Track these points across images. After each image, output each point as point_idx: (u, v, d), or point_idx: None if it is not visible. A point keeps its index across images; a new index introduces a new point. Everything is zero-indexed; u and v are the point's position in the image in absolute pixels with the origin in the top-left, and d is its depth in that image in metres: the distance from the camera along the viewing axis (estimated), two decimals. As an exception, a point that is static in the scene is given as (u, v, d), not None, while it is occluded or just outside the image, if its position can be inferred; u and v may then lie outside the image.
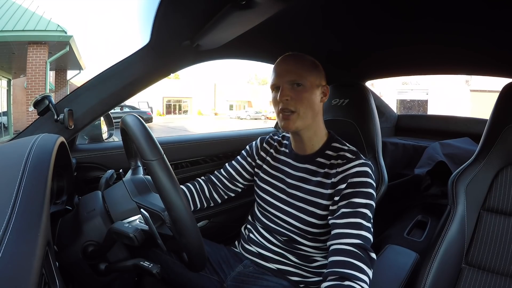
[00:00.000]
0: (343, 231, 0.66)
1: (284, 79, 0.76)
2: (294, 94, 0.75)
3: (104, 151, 1.05)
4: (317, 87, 0.78)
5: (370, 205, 0.69)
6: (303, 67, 0.76)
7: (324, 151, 0.81)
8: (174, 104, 26.13)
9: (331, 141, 0.82)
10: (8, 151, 0.52)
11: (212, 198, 0.96)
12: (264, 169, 0.90)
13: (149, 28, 0.71)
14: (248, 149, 0.98)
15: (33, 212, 0.36)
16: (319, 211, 0.76)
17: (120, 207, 0.64)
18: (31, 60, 6.84)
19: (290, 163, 0.85)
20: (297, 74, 0.75)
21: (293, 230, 0.80)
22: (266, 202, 0.86)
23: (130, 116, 0.55)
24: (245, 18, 0.60)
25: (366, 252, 0.63)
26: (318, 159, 0.81)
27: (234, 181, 0.96)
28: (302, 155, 0.83)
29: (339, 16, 0.77)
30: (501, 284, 0.75)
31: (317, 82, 0.78)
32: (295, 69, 0.76)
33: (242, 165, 0.96)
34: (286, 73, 0.76)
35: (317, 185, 0.78)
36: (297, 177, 0.82)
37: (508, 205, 0.80)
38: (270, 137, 0.95)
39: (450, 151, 1.38)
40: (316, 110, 0.78)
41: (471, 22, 0.68)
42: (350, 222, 0.66)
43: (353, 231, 0.65)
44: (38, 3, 7.40)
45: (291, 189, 0.82)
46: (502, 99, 0.84)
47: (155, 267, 0.56)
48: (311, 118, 0.77)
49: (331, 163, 0.78)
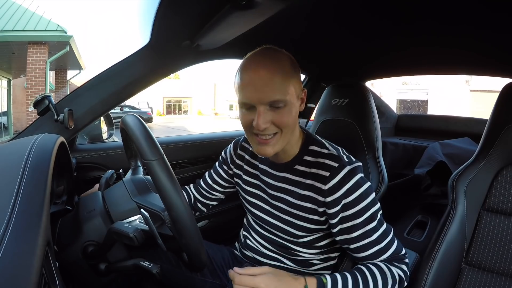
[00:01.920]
0: (363, 254, 0.66)
1: (261, 100, 0.59)
2: (273, 117, 0.61)
3: (104, 151, 1.05)
4: (297, 97, 0.64)
5: (374, 212, 0.65)
6: (284, 77, 0.60)
7: (302, 157, 0.72)
8: (174, 104, 26.13)
9: (308, 144, 0.72)
10: (8, 151, 0.52)
11: (197, 208, 0.94)
12: (244, 179, 0.84)
13: (149, 28, 0.71)
14: (223, 155, 0.91)
15: (33, 212, 0.36)
16: (308, 224, 0.71)
17: (120, 207, 0.64)
18: (31, 60, 6.84)
19: (267, 172, 0.77)
20: (279, 91, 0.59)
21: (286, 238, 0.75)
22: (252, 213, 0.82)
23: (130, 116, 0.55)
24: (245, 18, 0.60)
25: (398, 257, 0.67)
26: (296, 167, 0.72)
27: (213, 190, 0.92)
28: (278, 163, 0.75)
29: (339, 16, 0.76)
30: (501, 284, 0.75)
31: (297, 91, 0.64)
32: (275, 84, 0.59)
33: (218, 174, 0.91)
34: (263, 91, 0.58)
35: (301, 199, 0.70)
36: (278, 187, 0.75)
37: (508, 205, 0.80)
38: (245, 140, 0.87)
39: (450, 151, 1.38)
40: (295, 123, 0.67)
41: (471, 23, 0.68)
42: (365, 244, 0.64)
43: (373, 249, 0.65)
44: (38, 3, 7.41)
45: (274, 200, 0.76)
46: (502, 99, 0.84)
47: (155, 267, 0.56)
48: (291, 134, 0.67)
49: (311, 172, 0.69)
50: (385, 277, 0.63)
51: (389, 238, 0.66)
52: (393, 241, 0.67)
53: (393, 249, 0.66)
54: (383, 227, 0.66)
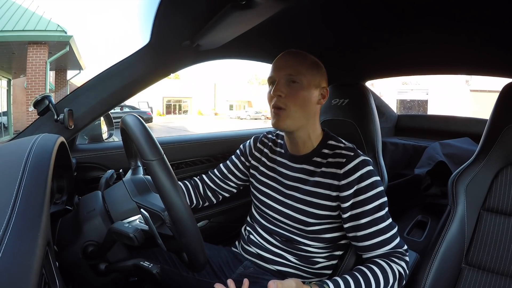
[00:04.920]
0: (368, 243, 0.70)
1: (281, 73, 0.74)
2: (288, 91, 0.73)
3: (104, 151, 1.05)
4: (315, 87, 0.75)
5: (383, 202, 0.71)
6: (303, 64, 0.74)
7: (320, 150, 0.79)
8: (174, 104, 26.13)
9: (327, 139, 0.80)
10: (8, 151, 0.52)
11: (207, 197, 0.96)
12: (261, 171, 0.88)
13: (149, 28, 0.71)
14: (241, 148, 0.96)
15: (33, 212, 0.36)
16: (319, 211, 0.75)
17: (120, 207, 0.64)
18: (31, 60, 6.84)
19: (286, 164, 0.83)
20: (295, 69, 0.73)
21: (293, 230, 0.79)
22: (263, 203, 0.85)
23: (130, 116, 0.55)
24: (245, 18, 0.60)
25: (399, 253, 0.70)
26: (314, 159, 0.79)
27: (227, 180, 0.95)
28: (297, 155, 0.81)
29: (339, 16, 0.77)
30: (501, 284, 0.75)
31: (315, 82, 0.75)
32: (293, 65, 0.74)
33: (235, 164, 0.95)
34: (284, 67, 0.74)
35: (316, 185, 0.76)
36: (294, 177, 0.81)
37: (508, 205, 0.80)
38: (264, 136, 0.93)
39: (450, 151, 1.38)
40: (310, 111, 0.75)
41: (472, 21, 0.68)
42: (372, 232, 0.69)
43: (378, 239, 0.69)
44: (38, 3, 7.40)
45: (288, 190, 0.80)
46: (502, 99, 0.84)
47: (155, 267, 0.56)
48: (304, 119, 0.75)
49: (328, 161, 0.76)
50: (386, 275, 0.65)
51: (394, 231, 0.71)
52: (397, 235, 0.71)
53: (396, 242, 0.70)
54: (389, 219, 0.71)
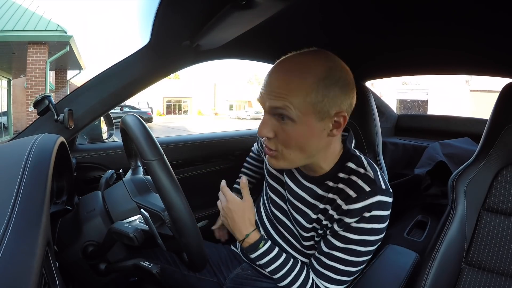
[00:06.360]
0: (315, 265, 0.63)
1: (266, 102, 0.53)
2: (277, 130, 0.54)
3: (104, 151, 1.05)
4: (321, 118, 0.52)
5: (365, 251, 0.59)
6: (299, 87, 0.50)
7: (336, 173, 0.62)
8: (174, 104, 26.14)
9: (345, 160, 0.63)
10: (8, 151, 0.52)
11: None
12: (268, 170, 0.81)
13: (149, 28, 0.71)
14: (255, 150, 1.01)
15: (33, 212, 0.36)
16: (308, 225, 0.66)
17: (120, 207, 0.64)
18: (31, 60, 6.85)
19: (295, 176, 0.69)
20: (282, 98, 0.50)
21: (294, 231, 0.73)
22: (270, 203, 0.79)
23: (130, 116, 0.55)
24: (245, 18, 0.60)
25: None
26: (327, 182, 0.63)
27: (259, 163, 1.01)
28: (310, 176, 0.66)
29: (339, 16, 0.76)
30: (501, 284, 0.75)
31: (321, 110, 0.51)
32: (281, 91, 0.51)
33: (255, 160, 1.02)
34: (269, 92, 0.52)
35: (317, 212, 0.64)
36: (299, 197, 0.67)
37: (508, 205, 0.80)
38: None
39: (450, 151, 1.38)
40: (315, 148, 0.56)
41: (471, 24, 0.68)
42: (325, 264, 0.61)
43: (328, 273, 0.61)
44: (38, 3, 7.41)
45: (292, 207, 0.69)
46: (502, 99, 0.84)
47: (155, 267, 0.56)
48: (307, 158, 0.58)
49: (339, 188, 0.60)
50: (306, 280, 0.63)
51: (348, 278, 0.61)
52: (345, 282, 0.61)
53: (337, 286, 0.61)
54: (355, 266, 0.60)
